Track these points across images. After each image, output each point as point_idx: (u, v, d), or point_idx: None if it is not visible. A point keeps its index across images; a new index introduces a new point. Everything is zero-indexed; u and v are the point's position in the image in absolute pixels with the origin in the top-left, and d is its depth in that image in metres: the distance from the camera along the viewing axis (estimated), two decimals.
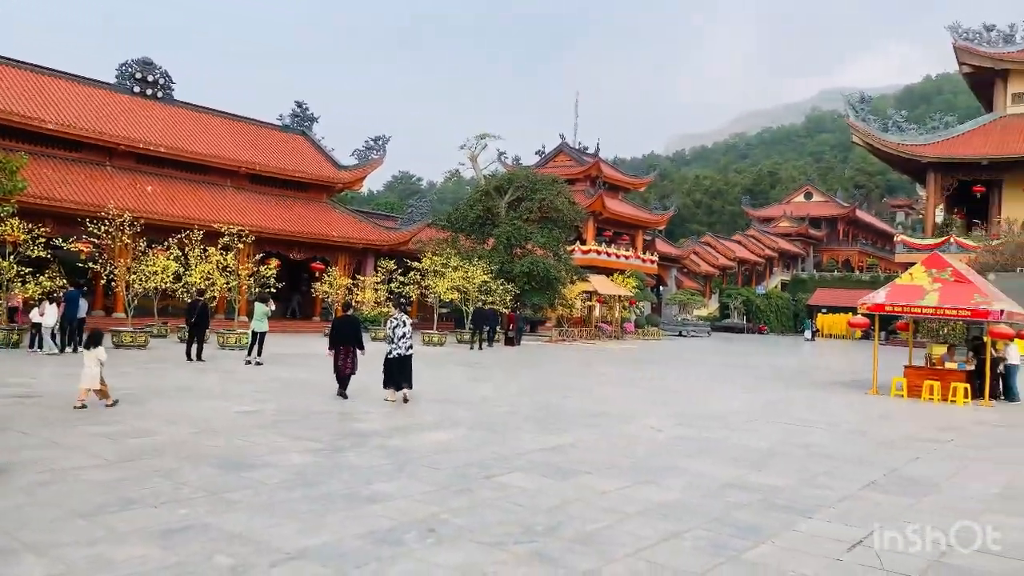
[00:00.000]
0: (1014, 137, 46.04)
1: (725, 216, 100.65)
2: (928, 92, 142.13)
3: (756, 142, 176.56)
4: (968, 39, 49.53)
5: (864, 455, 9.73)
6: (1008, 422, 13.80)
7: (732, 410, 13.64)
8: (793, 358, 31.76)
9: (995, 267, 34.86)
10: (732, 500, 7.02)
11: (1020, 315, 18.27)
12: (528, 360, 23.80)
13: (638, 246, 50.52)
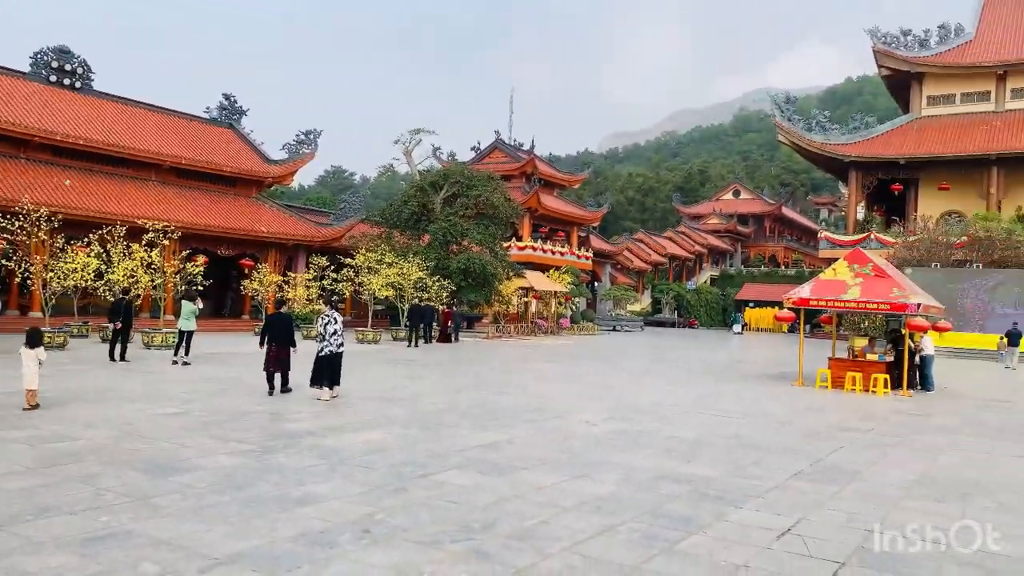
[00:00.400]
0: (929, 137, 48.15)
1: (657, 213, 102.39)
2: (850, 93, 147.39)
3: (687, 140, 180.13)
4: (886, 43, 51.58)
5: (791, 445, 10.03)
6: (924, 411, 14.42)
7: (664, 403, 13.88)
8: (722, 352, 32.54)
9: (912, 262, 36.44)
10: (665, 492, 7.14)
11: (935, 308, 19.12)
12: (464, 357, 23.74)
13: (573, 242, 50.95)
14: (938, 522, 6.46)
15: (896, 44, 51.63)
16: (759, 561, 5.23)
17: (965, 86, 49.91)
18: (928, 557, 5.51)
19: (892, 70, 52.22)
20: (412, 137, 41.78)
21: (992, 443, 10.92)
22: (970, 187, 46.32)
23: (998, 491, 7.80)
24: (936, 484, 8.04)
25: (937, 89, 50.88)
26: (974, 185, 46.22)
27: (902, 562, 5.36)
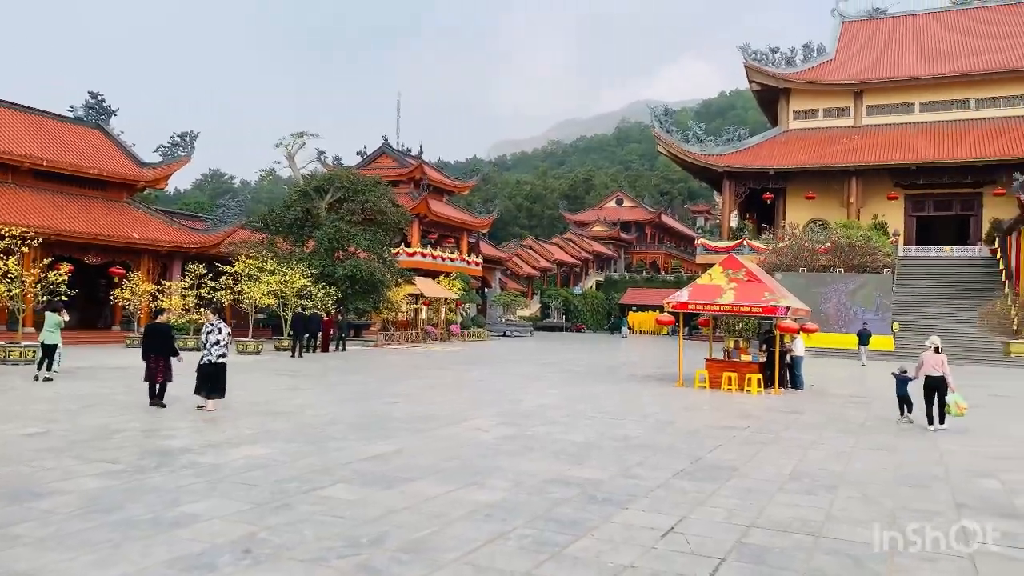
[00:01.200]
0: (796, 150, 51.22)
1: (545, 220, 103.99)
2: (724, 107, 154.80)
3: (572, 150, 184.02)
4: (757, 60, 54.53)
5: (673, 445, 10.37)
6: (794, 408, 15.27)
7: (553, 406, 14.07)
8: (608, 355, 33.35)
9: (781, 267, 38.59)
10: (555, 496, 7.21)
11: (803, 311, 20.30)
12: (351, 366, 23.27)
13: (463, 249, 50.98)
14: (808, 514, 6.84)
15: (765, 61, 54.69)
16: (644, 561, 5.36)
17: (827, 102, 53.42)
18: (800, 548, 5.81)
19: (762, 85, 55.27)
20: (295, 140, 40.60)
21: (855, 438, 11.68)
22: (833, 196, 49.56)
23: (861, 483, 8.34)
24: (806, 478, 8.51)
25: (802, 104, 54.20)
26: (836, 195, 49.48)
27: (777, 555, 5.63)
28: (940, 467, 9.41)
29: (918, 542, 6.09)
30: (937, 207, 49.65)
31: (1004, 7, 55.55)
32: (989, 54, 50.90)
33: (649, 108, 57.63)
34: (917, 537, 6.20)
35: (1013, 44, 51.10)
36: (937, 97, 50.67)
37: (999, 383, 23.09)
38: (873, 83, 51.93)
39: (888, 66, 53.15)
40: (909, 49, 54.58)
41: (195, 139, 38.53)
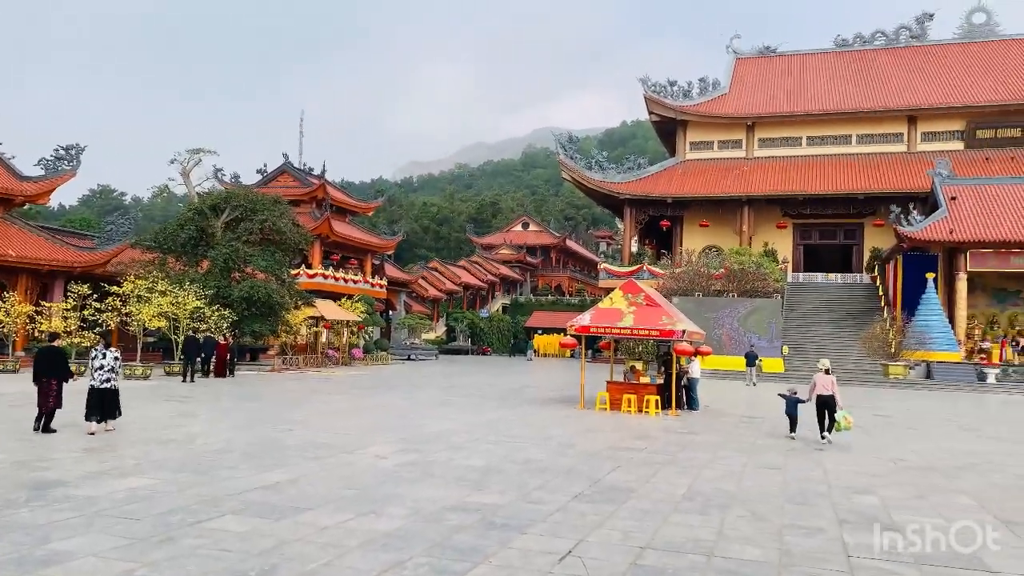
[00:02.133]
0: (692, 179, 53.19)
1: (451, 242, 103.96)
2: (625, 136, 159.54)
3: (479, 173, 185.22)
4: (656, 91, 56.50)
5: (573, 467, 10.45)
6: (690, 429, 15.69)
7: (456, 431, 13.96)
8: (513, 377, 33.47)
9: (678, 291, 39.85)
10: (454, 523, 7.12)
11: (698, 334, 20.97)
12: (247, 392, 22.45)
13: (367, 270, 50.25)
14: (702, 534, 7.00)
15: (664, 93, 56.73)
16: None
17: (721, 134, 55.84)
18: (693, 568, 5.92)
19: (661, 116, 57.28)
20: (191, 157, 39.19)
21: (747, 457, 12.08)
22: (727, 224, 51.66)
23: (752, 501, 8.62)
24: (700, 497, 8.72)
25: (698, 136, 56.45)
26: (730, 223, 51.61)
27: (670, 575, 5.72)
28: (824, 485, 9.84)
29: (802, 558, 6.32)
30: (823, 236, 52.49)
31: (882, 51, 59.70)
32: (868, 94, 54.48)
33: (554, 135, 58.70)
34: (801, 553, 6.44)
35: (889, 85, 54.90)
36: (822, 132, 53.79)
37: (879, 403, 24.46)
38: (764, 117, 54.66)
39: (778, 102, 56.09)
40: (797, 86, 57.80)
41: (81, 153, 36.59)
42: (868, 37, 61.34)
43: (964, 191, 39.94)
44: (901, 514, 8.21)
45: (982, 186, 40.37)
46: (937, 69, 55.76)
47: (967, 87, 52.67)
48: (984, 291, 39.09)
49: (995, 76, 53.21)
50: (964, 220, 37.70)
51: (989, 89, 51.84)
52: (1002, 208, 38.21)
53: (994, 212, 38.02)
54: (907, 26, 60.51)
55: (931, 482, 10.37)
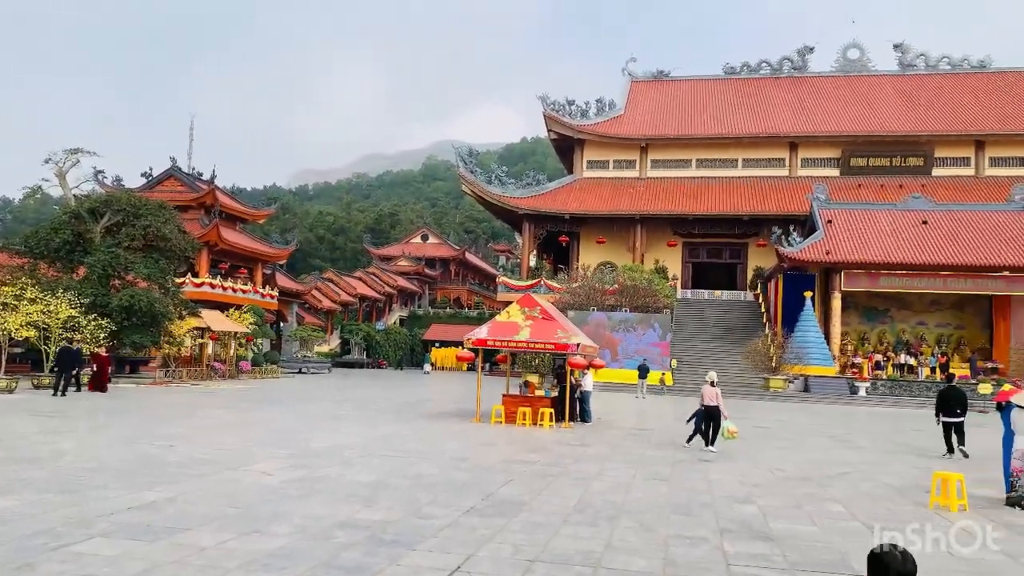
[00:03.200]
0: (589, 197, 54.44)
1: (348, 253, 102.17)
2: (525, 152, 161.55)
3: (378, 184, 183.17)
4: (555, 109, 57.61)
5: (466, 481, 10.40)
6: (583, 441, 15.94)
7: (347, 446, 13.65)
8: (409, 391, 33.10)
9: (574, 306, 40.57)
10: (341, 540, 6.93)
11: (592, 348, 21.38)
12: (125, 406, 21.24)
13: (257, 280, 48.65)
14: (590, 545, 7.09)
15: (562, 111, 57.91)
16: None
17: (617, 154, 57.44)
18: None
19: (559, 134, 58.44)
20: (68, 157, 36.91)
21: (636, 468, 12.37)
22: (621, 242, 53.09)
23: (639, 512, 8.81)
24: (590, 509, 8.85)
25: (595, 155, 57.87)
26: (624, 240, 53.06)
27: None
28: (708, 495, 10.18)
29: (686, 568, 6.50)
30: (710, 254, 54.71)
31: (767, 79, 63.01)
32: (754, 120, 57.37)
33: (454, 148, 58.87)
34: (685, 563, 6.63)
35: (773, 113, 57.98)
36: (710, 156, 56.19)
37: (760, 415, 25.60)
38: (656, 139, 56.63)
39: (670, 125, 58.25)
40: (688, 110, 60.21)
41: None
42: (754, 66, 64.65)
43: (839, 215, 42.54)
44: (778, 522, 8.58)
45: (855, 210, 43.12)
46: (816, 99, 59.34)
47: (843, 117, 56.30)
48: (856, 309, 41.70)
49: (867, 108, 57.12)
50: (839, 242, 40.14)
51: (862, 120, 55.60)
52: (872, 232, 40.92)
53: (865, 235, 40.66)
54: (790, 57, 64.15)
55: (806, 491, 10.91)
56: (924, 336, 41.65)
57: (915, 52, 62.37)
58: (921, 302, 41.51)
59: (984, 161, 52.99)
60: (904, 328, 42.00)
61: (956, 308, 41.50)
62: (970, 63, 61.18)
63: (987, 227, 40.15)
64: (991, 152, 52.94)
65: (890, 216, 41.99)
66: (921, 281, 38.52)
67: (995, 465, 11.58)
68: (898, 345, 41.19)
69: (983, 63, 60.97)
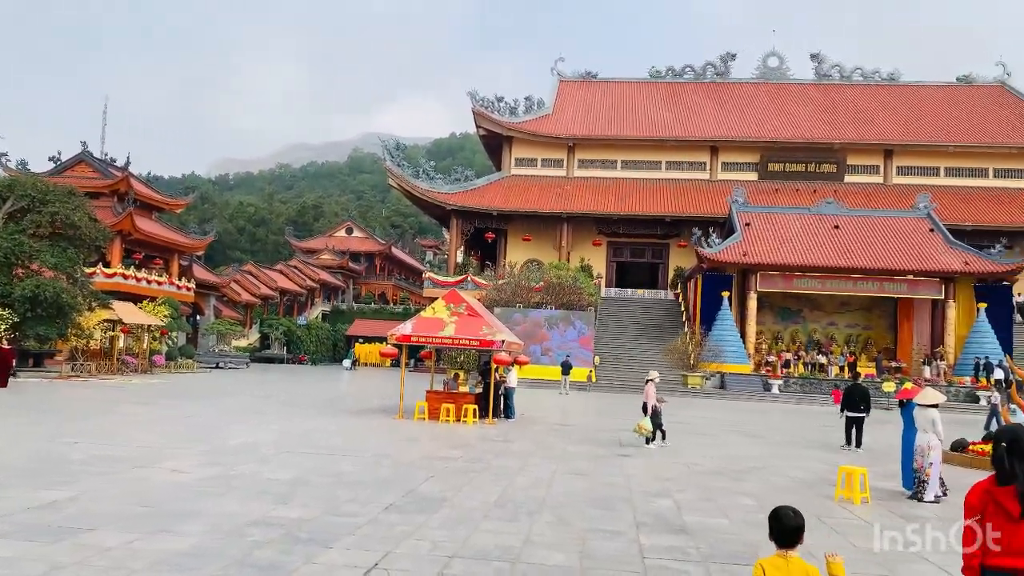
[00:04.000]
0: (516, 194, 54.65)
1: (269, 245, 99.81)
2: (454, 147, 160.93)
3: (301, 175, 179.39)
4: (484, 106, 57.60)
5: (387, 478, 10.31)
6: (506, 437, 16.01)
7: (265, 443, 13.34)
8: (331, 387, 32.58)
9: (500, 302, 40.69)
10: (255, 538, 6.77)
11: (516, 344, 21.49)
12: (27, 401, 20.23)
13: (173, 271, 46.99)
14: (509, 540, 7.13)
15: (491, 108, 57.95)
16: None
17: (544, 153, 57.86)
18: (498, 574, 6.01)
19: (488, 131, 58.46)
20: None
21: (557, 464, 12.49)
22: (547, 240, 53.51)
23: (559, 506, 8.91)
24: (511, 504, 8.90)
25: (523, 152, 58.15)
26: (550, 238, 53.50)
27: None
28: (626, 489, 10.37)
29: (602, 561, 6.61)
30: (633, 254, 55.72)
31: (691, 84, 64.53)
32: (677, 124, 58.66)
33: (382, 140, 58.19)
34: (602, 556, 6.74)
35: (696, 117, 59.41)
36: (635, 157, 57.20)
37: (678, 411, 26.19)
38: (583, 139, 57.29)
39: (597, 125, 59.01)
40: (614, 112, 61.12)
41: None
42: (679, 70, 66.10)
43: (757, 218, 43.93)
44: (692, 515, 8.82)
45: (771, 214, 44.60)
46: (737, 105, 61.09)
47: (762, 123, 58.15)
48: (771, 309, 43.17)
49: (784, 115, 59.17)
50: (756, 245, 41.46)
51: (780, 127, 57.56)
52: (787, 235, 42.42)
53: (781, 238, 42.12)
54: (713, 63, 65.85)
55: (720, 485, 11.24)
56: (834, 336, 43.45)
57: (831, 63, 64.92)
58: (832, 303, 43.29)
59: (892, 170, 55.61)
60: (816, 328, 43.73)
61: (864, 310, 43.45)
62: (881, 75, 64.10)
63: (894, 233, 42.15)
64: (898, 161, 55.61)
65: (804, 220, 43.60)
66: (832, 283, 40.18)
67: (896, 460, 12.18)
68: (810, 344, 42.86)
69: (892, 76, 63.96)
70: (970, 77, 63.76)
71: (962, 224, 46.82)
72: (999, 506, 3.59)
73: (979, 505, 3.67)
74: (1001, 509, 3.58)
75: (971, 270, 39.24)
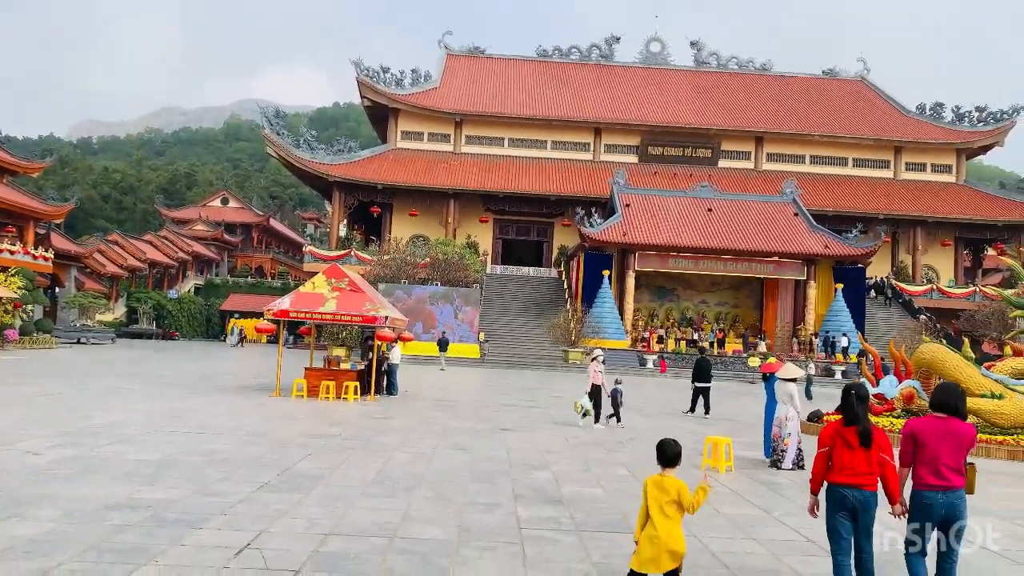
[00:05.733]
0: (402, 168, 53.91)
1: (137, 214, 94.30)
2: (337, 117, 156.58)
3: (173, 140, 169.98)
4: (369, 76, 56.29)
5: (261, 457, 10.03)
6: (388, 414, 15.90)
7: (130, 422, 12.66)
8: (205, 364, 31.27)
9: (385, 278, 40.21)
10: (117, 522, 6.44)
11: (400, 321, 21.31)
12: None
13: (29, 240, 43.58)
14: (387, 517, 7.11)
15: (377, 79, 56.73)
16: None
17: (431, 127, 57.27)
18: (375, 551, 5.99)
19: (373, 102, 57.23)
20: None
21: (438, 439, 12.53)
22: (434, 215, 53.17)
23: (438, 482, 8.95)
24: (389, 481, 8.86)
25: (409, 126, 57.34)
26: (437, 214, 53.18)
27: (352, 560, 5.73)
28: (506, 463, 10.54)
29: (479, 533, 6.70)
30: (519, 232, 56.29)
31: (577, 65, 65.41)
32: (563, 104, 59.40)
33: (260, 107, 55.92)
34: (479, 528, 6.84)
35: (581, 98, 60.35)
36: (522, 135, 57.57)
37: (558, 385, 26.86)
38: (471, 115, 57.07)
39: (484, 102, 58.89)
40: (502, 89, 61.17)
41: None
42: (565, 51, 66.88)
43: (636, 199, 45.27)
44: (569, 486, 9.07)
45: (650, 196, 46.09)
46: (620, 88, 62.50)
47: (643, 107, 59.79)
48: (648, 288, 44.76)
49: (664, 100, 61.07)
50: (635, 225, 42.76)
51: (659, 111, 59.37)
52: (665, 216, 43.97)
53: (658, 220, 43.62)
54: (598, 45, 66.99)
55: (596, 456, 11.61)
56: (705, 314, 45.57)
57: (709, 50, 67.43)
58: (704, 283, 45.34)
59: (762, 156, 58.58)
60: (688, 306, 45.71)
61: (733, 289, 45.77)
62: (755, 65, 67.16)
63: (762, 217, 44.49)
64: (768, 148, 58.62)
65: (681, 203, 45.31)
66: (705, 263, 42.06)
67: (759, 430, 12.95)
68: (683, 321, 44.79)
69: (765, 66, 67.16)
70: (834, 71, 67.86)
71: (824, 209, 50.04)
72: (844, 440, 5.08)
73: (829, 440, 5.17)
74: (845, 442, 5.07)
75: (830, 253, 42.03)
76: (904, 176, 58.03)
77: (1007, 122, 58.29)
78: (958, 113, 60.02)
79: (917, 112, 61.30)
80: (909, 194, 55.65)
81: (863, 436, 5.00)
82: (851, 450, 5.01)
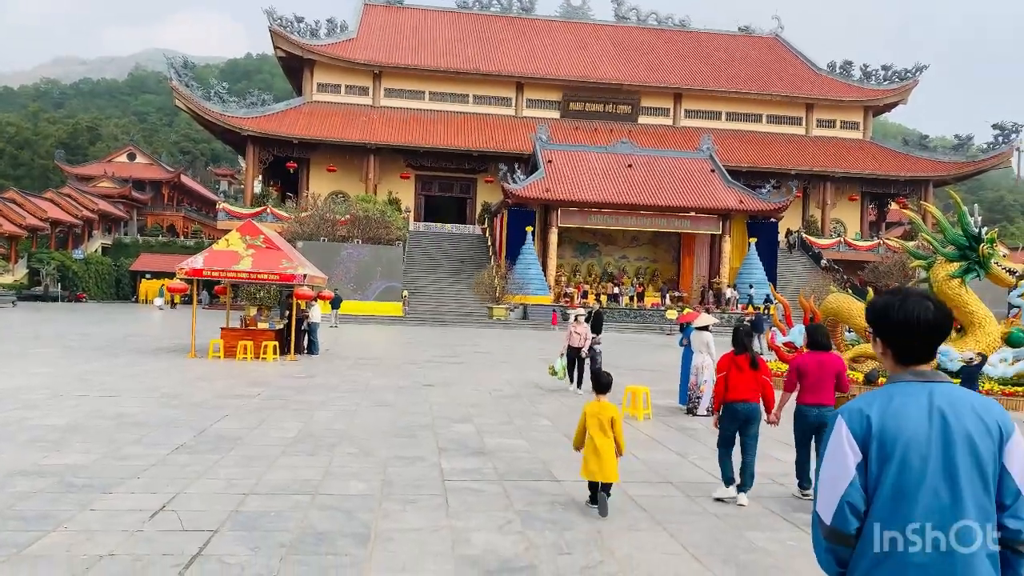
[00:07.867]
0: (319, 122, 52.39)
1: (36, 170, 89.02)
2: (250, 69, 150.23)
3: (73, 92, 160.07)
4: (283, 26, 54.17)
5: (177, 418, 9.75)
6: (308, 373, 15.67)
7: (33, 387, 12.09)
8: (115, 327, 30.04)
9: (303, 236, 39.30)
10: (20, 489, 6.17)
11: (319, 279, 20.91)
12: None
13: None
14: (308, 474, 7.04)
15: (291, 28, 54.65)
16: (126, 547, 4.90)
17: (349, 79, 55.69)
18: (297, 508, 5.93)
19: (287, 53, 55.16)
20: None
21: (360, 396, 12.44)
22: (353, 171, 52.07)
23: (361, 438, 8.90)
24: (311, 439, 8.76)
25: (326, 78, 55.61)
26: (356, 170, 52.10)
27: (272, 518, 5.65)
28: (428, 417, 10.57)
29: (402, 487, 6.72)
30: (442, 188, 55.78)
31: (498, 17, 64.49)
32: (484, 57, 58.60)
33: (167, 58, 53.28)
34: (402, 482, 6.85)
35: (502, 51, 59.64)
36: (442, 89, 56.63)
37: (483, 341, 26.98)
38: (390, 68, 55.74)
39: (403, 54, 57.53)
40: (422, 41, 59.84)
41: None
42: (486, 2, 65.74)
43: (558, 155, 45.33)
44: (491, 438, 9.17)
45: (572, 152, 46.21)
46: (542, 42, 62.03)
47: (564, 62, 59.54)
48: (571, 244, 45.18)
49: (585, 56, 60.97)
50: (557, 181, 42.89)
51: (580, 66, 59.28)
52: (586, 173, 44.24)
53: (580, 176, 43.86)
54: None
55: (518, 408, 11.76)
56: (625, 268, 46.41)
57: (628, 5, 67.46)
58: (624, 238, 46.07)
59: (681, 112, 59.40)
60: (610, 261, 46.44)
61: (652, 244, 46.69)
62: (673, 21, 67.62)
63: (680, 173, 45.26)
64: (686, 105, 59.44)
65: (601, 159, 45.61)
66: (624, 219, 42.66)
67: (676, 378, 13.32)
68: (604, 276, 45.51)
69: (683, 22, 67.71)
70: (749, 28, 69.01)
71: (739, 165, 51.31)
72: (737, 366, 6.62)
73: (725, 367, 6.69)
74: (738, 367, 6.61)
75: (744, 208, 43.22)
76: (815, 133, 59.90)
77: (911, 81, 60.68)
78: (865, 71, 62.10)
79: (828, 70, 63.10)
80: (819, 150, 57.54)
81: (752, 361, 6.61)
82: (741, 373, 6.56)
